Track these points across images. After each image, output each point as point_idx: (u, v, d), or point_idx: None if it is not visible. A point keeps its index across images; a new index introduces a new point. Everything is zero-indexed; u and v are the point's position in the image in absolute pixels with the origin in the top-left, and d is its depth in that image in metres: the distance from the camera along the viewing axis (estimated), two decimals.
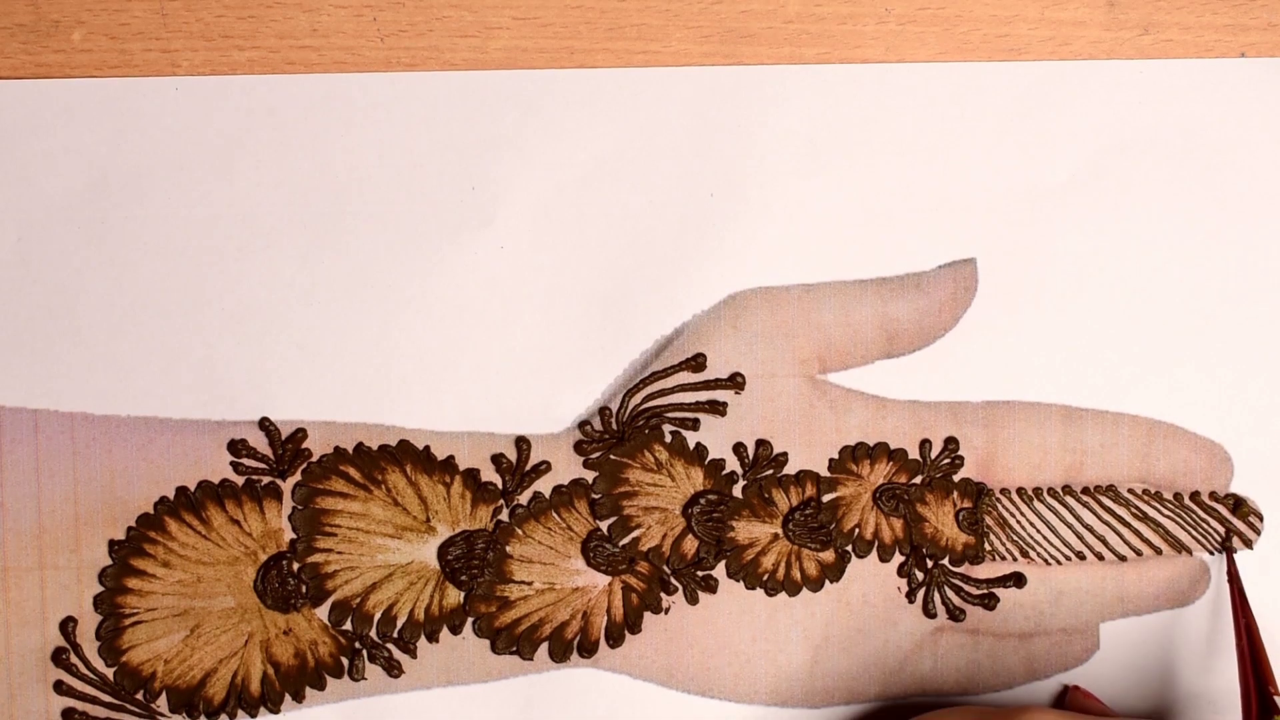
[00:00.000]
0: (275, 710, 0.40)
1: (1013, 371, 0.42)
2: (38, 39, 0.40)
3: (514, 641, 0.41)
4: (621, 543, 0.41)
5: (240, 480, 0.40)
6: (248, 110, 0.41)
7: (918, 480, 0.42)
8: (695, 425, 0.41)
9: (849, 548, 0.42)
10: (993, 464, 0.42)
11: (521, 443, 0.41)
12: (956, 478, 0.42)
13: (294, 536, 0.40)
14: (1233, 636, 0.43)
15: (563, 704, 0.41)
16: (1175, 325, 0.43)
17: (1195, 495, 0.43)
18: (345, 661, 0.41)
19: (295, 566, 0.40)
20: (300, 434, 0.41)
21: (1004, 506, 0.42)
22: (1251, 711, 0.38)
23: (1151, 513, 0.42)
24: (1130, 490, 0.42)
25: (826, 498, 0.42)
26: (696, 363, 0.41)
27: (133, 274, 0.40)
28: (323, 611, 0.40)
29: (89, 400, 0.40)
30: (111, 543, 0.40)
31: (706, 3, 0.41)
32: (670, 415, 0.41)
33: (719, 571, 0.41)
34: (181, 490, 0.40)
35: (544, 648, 0.41)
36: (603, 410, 0.41)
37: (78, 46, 0.40)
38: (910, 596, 0.42)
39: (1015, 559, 0.42)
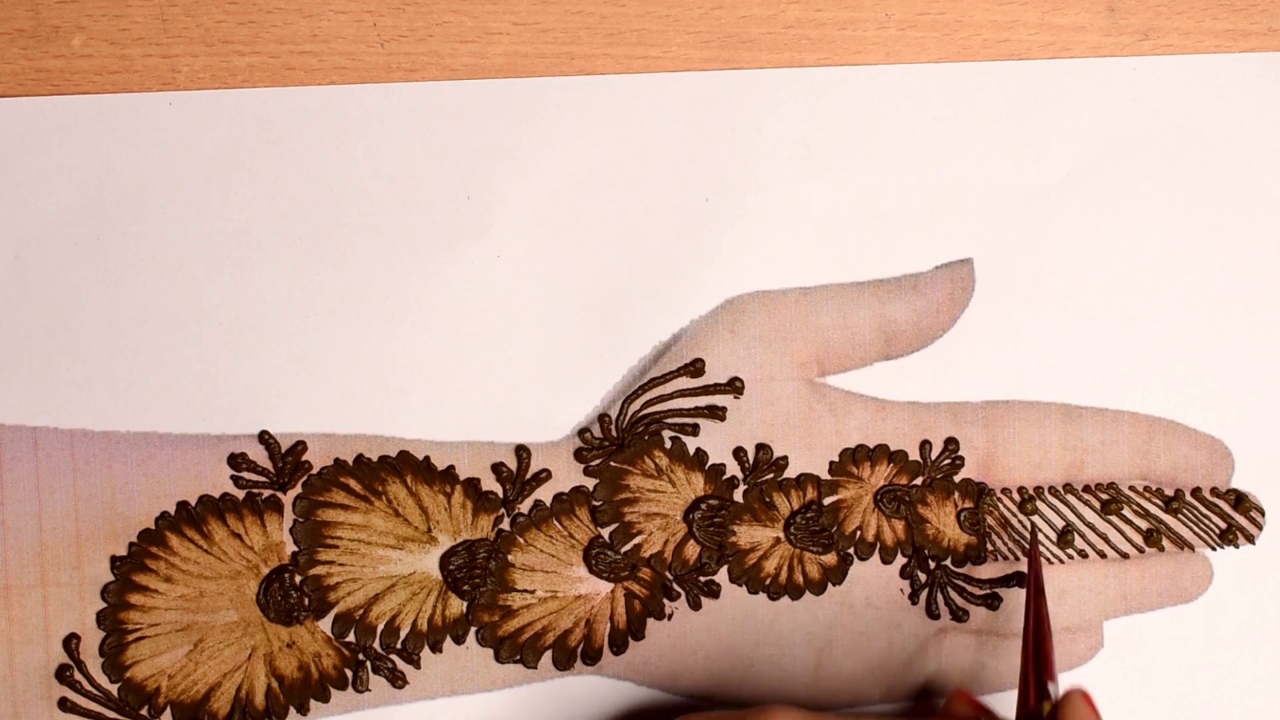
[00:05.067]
0: None
1: (1012, 371, 0.42)
2: (38, 44, 0.40)
3: (518, 650, 0.41)
4: (623, 549, 0.41)
5: (241, 494, 0.40)
6: (241, 124, 0.41)
7: (918, 481, 0.42)
8: (695, 430, 0.41)
9: (851, 550, 0.42)
10: (993, 464, 0.42)
11: (521, 451, 0.41)
12: (957, 478, 0.42)
13: (295, 549, 0.40)
14: (1234, 630, 0.43)
15: (567, 712, 0.41)
16: (1174, 321, 0.43)
17: (1196, 491, 0.43)
18: (349, 673, 0.40)
19: (297, 579, 0.40)
20: (300, 446, 0.40)
21: (1005, 506, 0.42)
22: (1029, 697, 0.37)
23: (1153, 510, 0.42)
24: (1131, 487, 0.42)
25: (827, 501, 0.42)
26: (695, 368, 0.41)
27: (130, 289, 0.40)
28: (326, 624, 0.40)
29: (88, 417, 0.40)
30: (113, 558, 0.40)
31: (707, 8, 0.41)
32: (670, 421, 0.41)
33: (721, 576, 0.41)
34: (182, 505, 0.40)
35: (548, 656, 0.41)
36: (602, 417, 0.41)
37: (78, 52, 0.40)
38: (913, 598, 0.42)
39: (1018, 559, 0.42)
